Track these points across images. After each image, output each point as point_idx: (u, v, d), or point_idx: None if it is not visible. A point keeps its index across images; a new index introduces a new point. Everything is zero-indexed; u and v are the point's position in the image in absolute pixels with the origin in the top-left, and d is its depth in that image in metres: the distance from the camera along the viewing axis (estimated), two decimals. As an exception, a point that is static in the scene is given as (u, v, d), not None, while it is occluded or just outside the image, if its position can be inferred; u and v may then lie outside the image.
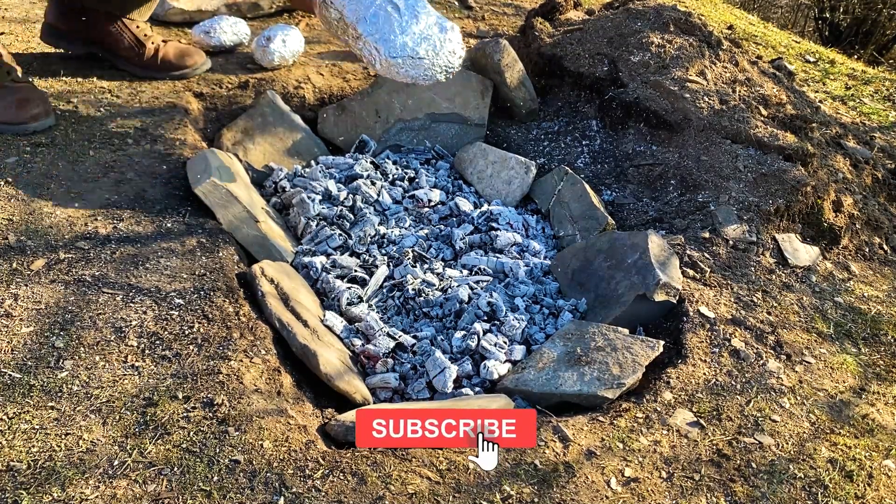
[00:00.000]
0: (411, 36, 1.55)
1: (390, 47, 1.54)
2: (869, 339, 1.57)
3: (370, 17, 1.54)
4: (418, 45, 1.55)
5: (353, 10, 1.56)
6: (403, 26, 1.55)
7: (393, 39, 1.54)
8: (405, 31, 1.55)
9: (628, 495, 1.13)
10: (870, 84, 3.08)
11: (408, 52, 1.54)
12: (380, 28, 1.54)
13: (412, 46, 1.55)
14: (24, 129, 1.69)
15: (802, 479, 1.20)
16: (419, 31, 1.56)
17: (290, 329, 1.32)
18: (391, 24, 1.55)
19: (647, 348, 1.37)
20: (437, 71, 1.59)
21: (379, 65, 1.56)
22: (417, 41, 1.56)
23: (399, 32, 1.54)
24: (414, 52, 1.55)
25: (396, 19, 1.55)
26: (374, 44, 1.54)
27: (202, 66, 2.04)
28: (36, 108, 1.71)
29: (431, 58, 1.57)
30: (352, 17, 1.56)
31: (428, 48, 1.56)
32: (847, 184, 1.97)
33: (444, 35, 1.59)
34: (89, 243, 1.42)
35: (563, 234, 1.81)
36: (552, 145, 2.11)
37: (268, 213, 1.67)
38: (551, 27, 2.33)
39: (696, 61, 2.13)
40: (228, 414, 1.13)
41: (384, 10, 1.55)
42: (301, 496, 1.04)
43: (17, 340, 1.20)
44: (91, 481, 1.01)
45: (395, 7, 1.55)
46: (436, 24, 1.59)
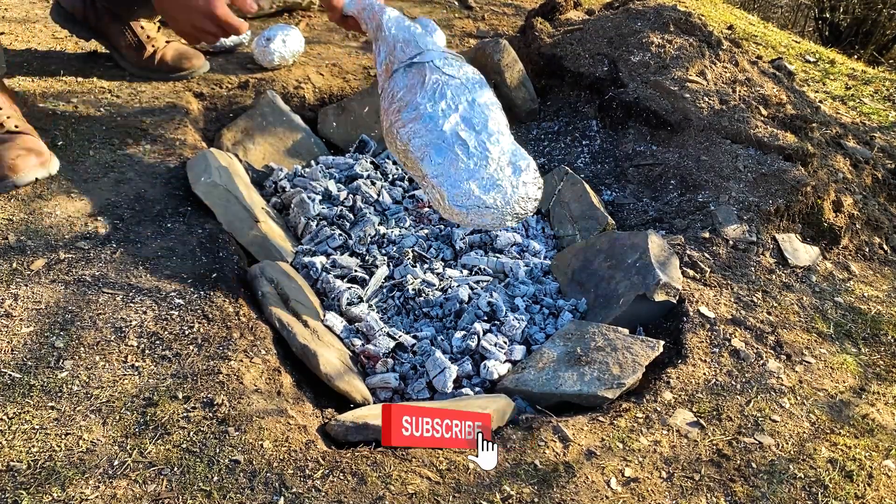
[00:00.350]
0: (479, 181, 1.34)
1: (455, 194, 1.34)
2: (869, 339, 1.57)
3: (435, 156, 1.36)
4: (486, 193, 1.34)
5: (418, 145, 1.38)
6: (472, 170, 1.35)
7: (458, 185, 1.34)
8: (473, 175, 1.35)
9: (628, 495, 1.13)
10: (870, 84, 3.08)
11: (473, 200, 1.33)
12: (445, 170, 1.35)
13: (478, 194, 1.33)
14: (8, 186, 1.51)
15: (802, 479, 1.20)
16: (489, 175, 1.35)
17: (290, 329, 1.32)
18: (458, 166, 1.35)
19: (647, 348, 1.37)
20: (508, 219, 1.37)
21: (442, 210, 1.38)
22: (486, 187, 1.34)
23: (466, 177, 1.34)
24: (480, 200, 1.33)
25: (464, 161, 1.35)
26: (439, 187, 1.35)
27: (200, 69, 2.04)
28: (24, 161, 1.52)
29: (501, 206, 1.35)
30: (417, 152, 1.38)
31: (497, 196, 1.34)
32: (847, 184, 1.97)
33: (517, 178, 1.37)
34: (89, 243, 1.42)
35: (563, 234, 1.81)
36: (552, 145, 2.11)
37: (268, 213, 1.67)
38: (551, 27, 2.33)
39: (696, 61, 2.13)
40: (228, 414, 1.13)
41: (452, 150, 1.36)
42: (301, 496, 1.04)
43: (17, 340, 1.20)
44: (91, 481, 1.01)
45: (465, 145, 1.36)
46: (509, 165, 1.37)
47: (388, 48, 1.49)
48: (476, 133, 1.38)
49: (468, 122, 1.39)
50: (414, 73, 1.44)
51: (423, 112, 1.39)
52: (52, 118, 1.76)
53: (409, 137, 1.39)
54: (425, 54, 1.45)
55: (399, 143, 1.41)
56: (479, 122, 1.40)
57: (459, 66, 1.46)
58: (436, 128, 1.38)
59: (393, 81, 1.45)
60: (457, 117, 1.39)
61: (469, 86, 1.43)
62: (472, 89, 1.43)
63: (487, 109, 1.43)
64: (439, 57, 1.45)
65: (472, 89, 1.43)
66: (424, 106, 1.40)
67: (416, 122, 1.39)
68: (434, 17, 2.74)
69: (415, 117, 1.39)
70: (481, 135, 1.38)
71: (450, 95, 1.41)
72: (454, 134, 1.37)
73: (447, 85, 1.42)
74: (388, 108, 1.45)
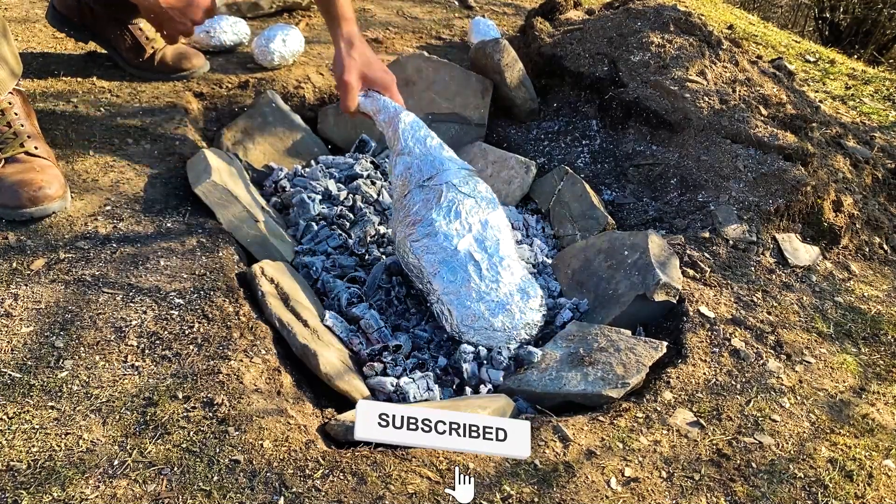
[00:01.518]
0: (488, 304, 1.41)
1: (464, 314, 1.40)
2: (869, 338, 1.57)
3: (448, 274, 1.42)
4: (495, 316, 1.40)
5: (431, 261, 1.44)
6: (481, 292, 1.41)
7: (468, 305, 1.40)
8: (483, 297, 1.41)
9: (628, 495, 1.13)
10: (870, 84, 3.08)
11: (482, 322, 1.40)
12: (456, 289, 1.41)
13: (487, 317, 1.40)
14: (19, 216, 1.43)
15: (802, 478, 1.20)
16: (498, 299, 1.41)
17: (290, 329, 1.32)
18: (469, 286, 1.41)
19: (650, 349, 1.37)
20: (512, 343, 1.42)
21: (449, 327, 1.43)
22: (495, 310, 1.40)
23: (476, 299, 1.40)
24: (489, 323, 1.40)
25: (476, 283, 1.41)
26: (449, 304, 1.41)
27: (201, 69, 2.04)
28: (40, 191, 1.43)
29: (508, 330, 1.41)
30: (430, 268, 1.44)
31: (505, 320, 1.41)
32: (847, 183, 1.97)
33: (524, 304, 1.43)
34: (89, 243, 1.42)
35: (563, 234, 1.81)
36: (552, 145, 2.11)
37: (268, 212, 1.67)
38: (551, 27, 2.33)
39: (697, 61, 2.13)
40: (228, 414, 1.13)
41: (464, 269, 1.42)
42: (301, 496, 1.04)
43: (17, 340, 1.20)
44: (91, 481, 1.01)
45: (477, 267, 1.42)
46: (518, 292, 1.44)
47: (406, 164, 1.55)
48: (489, 256, 1.45)
49: (481, 245, 1.46)
50: (431, 189, 1.50)
51: (437, 229, 1.45)
52: (52, 118, 1.75)
53: (422, 252, 1.45)
54: (442, 174, 1.51)
55: (411, 255, 1.47)
56: (492, 244, 1.47)
57: (475, 185, 1.53)
58: (450, 246, 1.44)
59: (410, 196, 1.52)
60: (470, 238, 1.45)
61: (482, 205, 1.50)
62: (484, 209, 1.50)
63: (499, 232, 1.49)
64: (456, 176, 1.52)
65: (484, 209, 1.50)
66: (439, 223, 1.46)
67: (429, 239, 1.45)
68: (434, 16, 2.74)
69: (429, 233, 1.46)
70: (493, 258, 1.45)
71: (464, 215, 1.47)
72: (467, 254, 1.44)
73: (462, 203, 1.48)
74: (402, 220, 1.52)
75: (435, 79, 2.04)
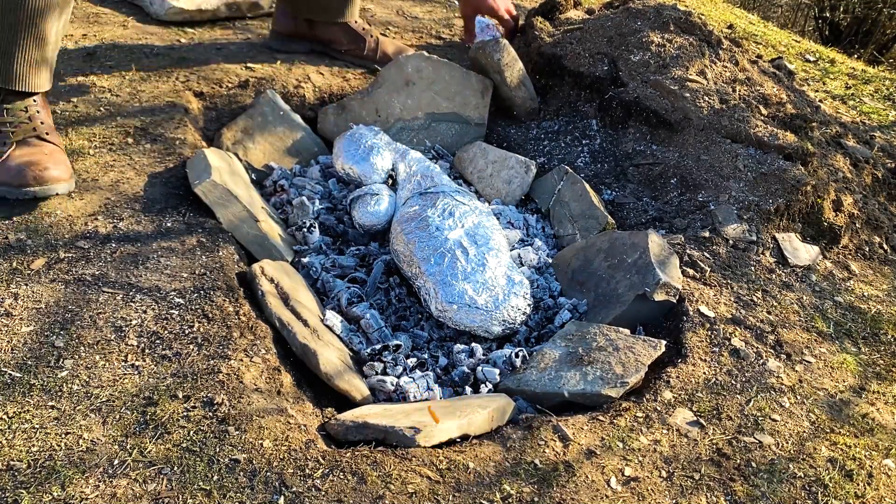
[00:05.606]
0: (473, 284, 1.45)
1: (448, 292, 1.44)
2: (869, 338, 1.57)
3: (436, 259, 1.48)
4: (478, 294, 1.44)
5: (421, 247, 1.50)
6: (467, 273, 1.46)
7: (453, 284, 1.45)
8: (468, 278, 1.46)
9: (628, 494, 1.13)
10: (870, 83, 3.08)
11: (465, 299, 1.43)
12: (443, 270, 1.46)
13: (471, 294, 1.44)
14: (23, 195, 1.44)
15: (802, 478, 1.20)
16: (483, 280, 1.46)
17: (290, 328, 1.32)
18: (455, 268, 1.46)
19: (649, 348, 1.37)
20: (495, 324, 1.44)
21: (433, 306, 1.46)
22: (479, 289, 1.44)
23: (461, 279, 1.45)
24: (472, 300, 1.43)
25: (462, 264, 1.46)
26: (434, 285, 1.46)
27: None
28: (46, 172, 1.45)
29: (491, 310, 1.43)
30: (419, 254, 1.50)
31: (489, 299, 1.44)
32: (847, 183, 1.97)
33: (509, 288, 1.47)
34: (89, 243, 1.42)
35: (563, 234, 1.81)
36: (552, 145, 2.11)
37: (268, 212, 1.67)
38: (551, 26, 2.33)
39: (697, 61, 2.13)
40: (228, 413, 1.13)
41: (452, 254, 1.48)
42: (301, 495, 1.04)
43: (17, 340, 1.20)
44: (91, 480, 1.01)
45: (465, 252, 1.48)
46: (504, 276, 1.48)
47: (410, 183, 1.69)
48: (477, 246, 1.51)
49: (471, 237, 1.53)
50: (429, 196, 1.61)
51: (430, 223, 1.54)
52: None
53: (414, 241, 1.52)
54: (441, 186, 1.63)
55: (402, 244, 1.54)
56: (482, 238, 1.53)
57: (471, 198, 1.62)
58: (440, 236, 1.51)
59: (408, 203, 1.62)
60: (461, 231, 1.53)
61: (476, 212, 1.58)
62: (479, 214, 1.57)
63: (491, 231, 1.56)
64: (455, 190, 1.63)
65: (479, 214, 1.57)
66: (433, 218, 1.54)
67: (422, 231, 1.53)
68: (434, 16, 2.74)
69: (422, 226, 1.54)
70: (482, 248, 1.51)
71: (458, 215, 1.55)
72: (457, 243, 1.51)
73: (457, 207, 1.57)
74: (398, 220, 1.60)
75: (435, 78, 2.04)
